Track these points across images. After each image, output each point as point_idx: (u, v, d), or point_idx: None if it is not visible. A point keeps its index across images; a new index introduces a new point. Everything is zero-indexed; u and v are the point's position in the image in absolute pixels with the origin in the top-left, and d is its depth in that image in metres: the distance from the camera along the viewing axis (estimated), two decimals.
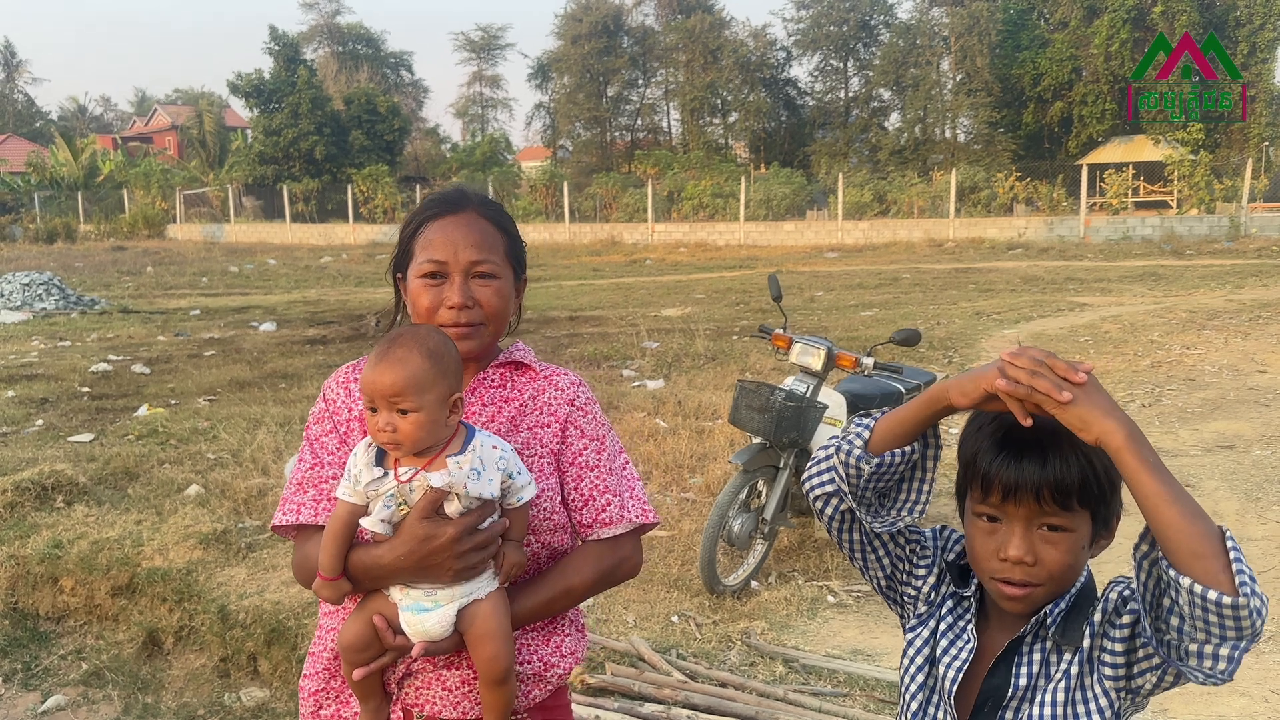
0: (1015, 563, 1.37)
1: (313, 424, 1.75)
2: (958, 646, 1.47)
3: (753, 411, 4.70)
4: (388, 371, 1.50)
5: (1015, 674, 1.42)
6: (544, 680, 1.70)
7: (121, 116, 77.79)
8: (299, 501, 1.68)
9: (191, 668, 4.32)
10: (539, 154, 53.76)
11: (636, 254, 29.29)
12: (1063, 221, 27.85)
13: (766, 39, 46.16)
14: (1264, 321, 12.18)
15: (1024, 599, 1.40)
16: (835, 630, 4.38)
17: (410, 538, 1.50)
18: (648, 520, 1.75)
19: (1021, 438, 1.36)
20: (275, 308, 17.41)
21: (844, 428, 1.47)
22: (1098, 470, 1.35)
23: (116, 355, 11.58)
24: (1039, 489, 1.35)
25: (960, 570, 1.53)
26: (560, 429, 1.72)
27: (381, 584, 1.55)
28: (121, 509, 5.54)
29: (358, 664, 1.56)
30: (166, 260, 28.95)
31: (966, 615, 1.49)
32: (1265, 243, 23.52)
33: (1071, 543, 1.38)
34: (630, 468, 1.80)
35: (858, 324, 12.69)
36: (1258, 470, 6.41)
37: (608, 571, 1.70)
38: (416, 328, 1.60)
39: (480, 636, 1.54)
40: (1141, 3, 35.76)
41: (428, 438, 1.51)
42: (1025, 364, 1.26)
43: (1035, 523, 1.37)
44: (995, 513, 1.40)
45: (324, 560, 1.54)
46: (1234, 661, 1.22)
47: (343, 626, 1.59)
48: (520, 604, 1.61)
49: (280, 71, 45.62)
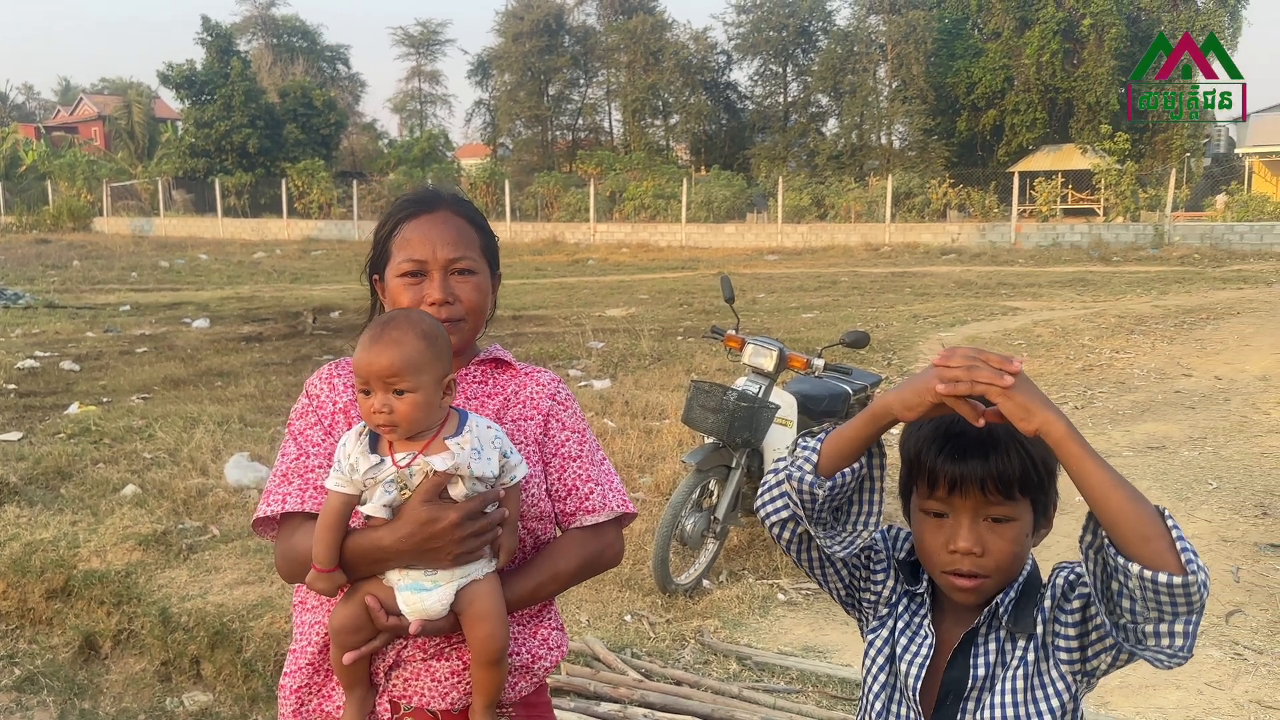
0: (964, 554, 1.42)
1: (295, 419, 1.74)
2: (917, 643, 1.51)
3: (706, 411, 4.73)
4: (384, 352, 1.50)
5: (973, 664, 1.46)
6: (531, 673, 1.71)
7: (45, 105, 75.26)
8: (284, 492, 1.66)
9: (131, 672, 4.20)
10: (479, 151, 53.34)
11: (579, 254, 29.24)
12: (994, 227, 28.47)
13: (707, 42, 46.46)
14: (1188, 327, 12.59)
15: (974, 589, 1.44)
16: (787, 628, 4.43)
17: (412, 520, 1.49)
18: (628, 510, 1.78)
19: (962, 432, 1.40)
20: (208, 304, 17.02)
21: (790, 450, 1.49)
22: (1036, 460, 1.41)
23: (43, 351, 11.22)
24: (983, 480, 1.40)
25: (911, 567, 1.56)
26: (543, 421, 1.75)
27: (380, 568, 1.54)
28: (55, 509, 5.38)
29: (349, 646, 1.54)
30: (94, 254, 28.12)
31: (921, 611, 1.53)
32: (1187, 251, 24.32)
33: (1016, 532, 1.43)
34: (608, 461, 1.84)
35: (799, 326, 12.83)
36: (1186, 470, 6.63)
37: (592, 558, 1.73)
38: (408, 311, 1.60)
39: (477, 616, 1.54)
40: (1071, 15, 36.78)
41: (424, 419, 1.51)
42: (960, 362, 1.29)
43: (981, 514, 1.42)
44: (942, 507, 1.44)
45: (318, 552, 1.52)
46: (1190, 636, 1.27)
47: (335, 609, 1.57)
48: (510, 589, 1.61)
49: (213, 63, 44.58)
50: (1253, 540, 5.35)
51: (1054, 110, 38.92)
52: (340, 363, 1.79)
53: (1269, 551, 5.20)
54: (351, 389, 1.72)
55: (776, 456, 4.92)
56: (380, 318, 1.60)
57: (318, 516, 1.59)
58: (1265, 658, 4.08)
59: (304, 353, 11.47)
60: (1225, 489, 6.22)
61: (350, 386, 1.73)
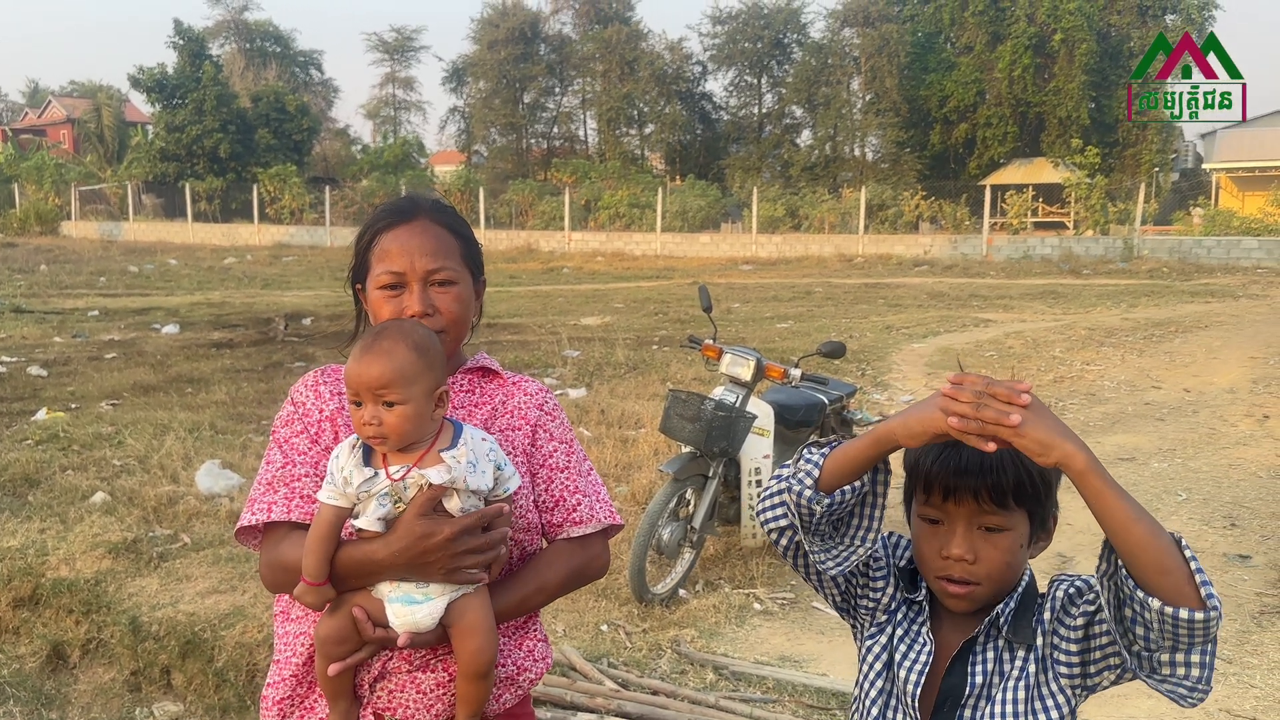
0: (957, 560, 1.43)
1: (280, 427, 1.71)
2: (915, 650, 1.51)
3: (684, 421, 4.73)
4: (374, 364, 1.48)
5: (971, 672, 1.47)
6: (516, 684, 1.70)
7: (12, 108, 74.25)
8: (269, 501, 1.63)
9: (100, 682, 4.14)
10: (453, 158, 53.17)
11: (554, 262, 29.22)
12: (966, 240, 28.75)
13: (683, 53, 46.53)
14: (1157, 339, 12.77)
15: (966, 597, 1.46)
16: (763, 637, 4.43)
17: (407, 534, 1.48)
18: (615, 521, 1.78)
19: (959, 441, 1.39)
20: (178, 309, 16.84)
21: (794, 460, 1.49)
22: (1032, 472, 1.41)
23: (10, 356, 11.06)
24: (977, 489, 1.41)
25: (910, 575, 1.57)
26: (530, 432, 1.74)
27: (371, 580, 1.52)
28: (22, 517, 5.29)
29: (335, 658, 1.53)
30: (61, 258, 27.76)
31: (920, 619, 1.53)
32: (1156, 264, 24.67)
33: (1010, 542, 1.44)
34: (594, 472, 1.83)
35: (774, 335, 12.88)
36: (1156, 481, 6.71)
37: (579, 569, 1.73)
38: (401, 321, 1.59)
39: (467, 630, 1.53)
40: (1042, 30, 37.22)
41: (414, 431, 1.49)
42: (967, 397, 1.27)
43: (975, 522, 1.43)
44: (937, 514, 1.46)
45: (309, 564, 1.50)
46: (1207, 668, 1.27)
47: (321, 619, 1.55)
48: (497, 601, 1.60)
49: (184, 67, 44.18)
50: (1221, 551, 5.42)
51: (1025, 124, 39.35)
52: (326, 369, 1.78)
53: (1237, 562, 5.27)
54: (337, 396, 1.71)
55: (755, 466, 4.91)
56: (373, 328, 1.58)
57: (304, 526, 1.57)
58: (1234, 667, 4.13)
59: (275, 359, 11.37)
60: (1194, 500, 6.30)
61: (336, 394, 1.71)
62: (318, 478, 1.63)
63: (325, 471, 1.60)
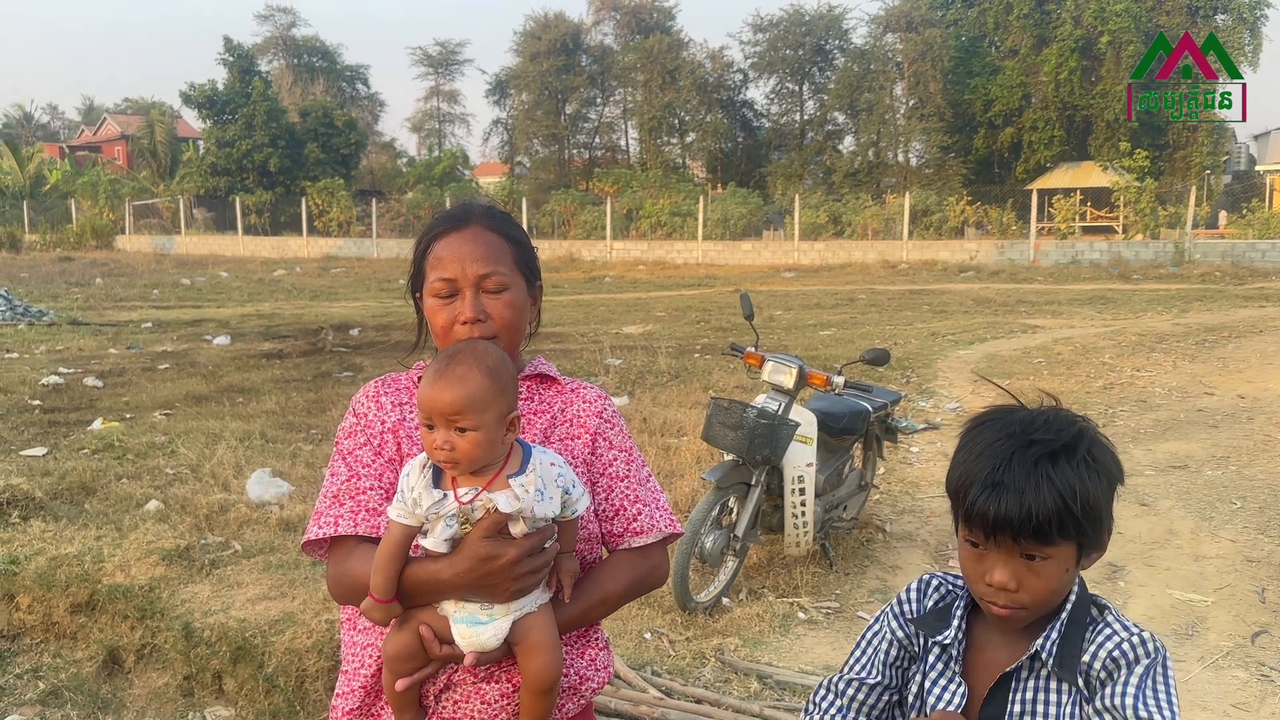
0: (999, 588, 1.41)
1: (343, 439, 1.73)
2: (950, 691, 1.50)
3: (726, 429, 4.73)
4: (447, 389, 1.49)
5: (1011, 701, 1.45)
6: (578, 694, 1.70)
7: (69, 125, 76.29)
8: (335, 514, 1.65)
9: (154, 686, 4.22)
10: (496, 170, 53.65)
11: (595, 271, 29.33)
12: (1013, 245, 28.38)
13: (724, 61, 46.59)
14: (1210, 345, 12.50)
15: (1013, 619, 1.44)
16: (807, 646, 4.41)
17: (471, 556, 1.49)
18: (675, 530, 1.77)
19: (1002, 482, 1.38)
20: (229, 321, 17.14)
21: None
22: (1074, 509, 1.37)
23: (67, 368, 11.33)
24: (1018, 529, 1.38)
25: (940, 614, 1.54)
26: (590, 440, 1.74)
27: (436, 599, 1.54)
28: (79, 524, 5.41)
29: (402, 674, 1.55)
30: (116, 272, 28.41)
31: (953, 664, 1.51)
32: (1208, 268, 24.17)
33: (1054, 569, 1.41)
34: (654, 479, 1.82)
35: (817, 343, 12.82)
36: (1209, 490, 6.57)
37: (640, 579, 1.73)
38: (474, 343, 1.59)
39: (532, 648, 1.55)
40: (1089, 33, 36.72)
41: (485, 456, 1.50)
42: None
43: (1018, 552, 1.40)
44: (981, 542, 1.43)
45: (377, 582, 1.51)
46: None
47: (388, 636, 1.58)
48: (561, 614, 1.61)
49: (234, 83, 45.10)
50: (1278, 560, 5.30)
51: (1072, 127, 38.82)
52: (386, 379, 1.79)
53: None
54: (399, 408, 1.72)
55: (798, 474, 4.88)
56: (446, 350, 1.58)
57: (370, 539, 1.59)
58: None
59: (324, 369, 11.53)
60: (1250, 509, 6.17)
61: (398, 405, 1.73)
62: (383, 490, 1.65)
63: (390, 484, 1.62)
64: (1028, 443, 1.40)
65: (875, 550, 5.63)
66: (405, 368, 1.84)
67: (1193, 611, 4.71)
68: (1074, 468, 1.37)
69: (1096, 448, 1.42)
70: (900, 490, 6.75)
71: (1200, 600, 4.82)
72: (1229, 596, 4.84)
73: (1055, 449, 1.39)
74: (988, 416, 1.48)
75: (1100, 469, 1.40)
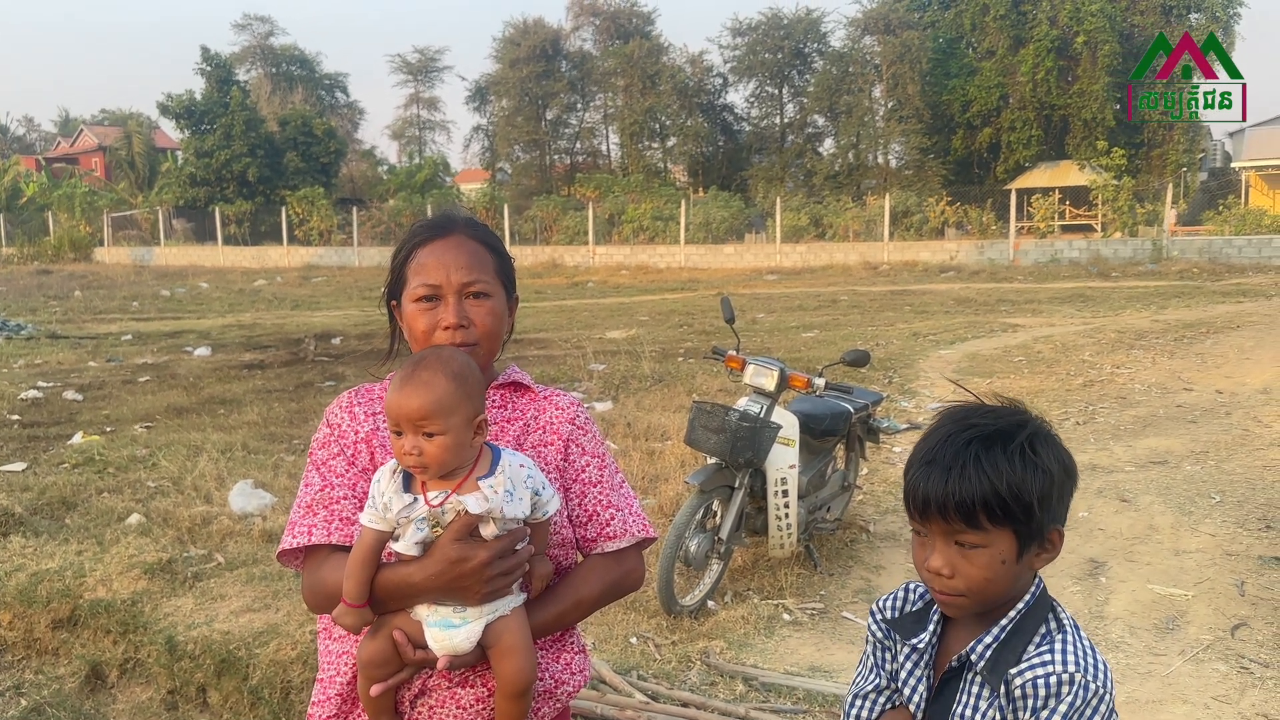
0: (934, 574, 1.43)
1: (317, 449, 1.74)
2: (911, 689, 1.52)
3: (709, 432, 4.74)
4: (414, 395, 1.50)
5: (956, 701, 1.47)
6: (554, 698, 1.71)
7: (45, 137, 75.67)
8: (309, 524, 1.66)
9: (137, 701, 4.20)
10: (477, 176, 53.55)
11: (578, 276, 29.35)
12: (993, 245, 28.56)
13: (703, 65, 46.71)
14: (1188, 341, 12.62)
15: (952, 605, 1.46)
16: (792, 648, 4.43)
17: (442, 559, 1.50)
18: (649, 534, 1.79)
19: (935, 459, 1.41)
20: (210, 332, 17.06)
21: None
22: (1002, 493, 1.36)
23: (46, 381, 11.25)
24: (942, 506, 1.39)
25: (916, 617, 1.56)
26: (563, 447, 1.76)
27: (408, 603, 1.55)
28: (60, 539, 5.38)
29: (376, 679, 1.56)
30: (95, 284, 28.22)
31: (922, 663, 1.52)
32: (1186, 265, 24.40)
33: (988, 558, 1.40)
34: (627, 484, 1.84)
35: (800, 345, 12.86)
36: (1189, 485, 6.63)
37: (614, 583, 1.74)
38: (439, 349, 1.61)
39: (505, 651, 1.56)
40: (1064, 33, 37.02)
41: (453, 460, 1.51)
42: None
43: (951, 537, 1.41)
44: (920, 526, 1.46)
45: (349, 587, 1.52)
46: None
47: (362, 642, 1.58)
48: (535, 617, 1.62)
49: (212, 93, 44.91)
50: (1257, 554, 5.35)
51: (1050, 127, 39.11)
52: (359, 390, 1.80)
53: (1274, 565, 5.20)
54: (372, 417, 1.74)
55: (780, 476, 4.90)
56: (412, 357, 1.60)
57: (344, 548, 1.60)
58: (1272, 671, 4.08)
59: (306, 379, 11.49)
60: (1228, 503, 6.23)
61: (371, 415, 1.74)
62: (356, 500, 1.66)
63: (363, 493, 1.63)
64: (966, 426, 1.42)
65: (859, 551, 5.65)
66: (378, 378, 1.85)
67: (1173, 605, 4.75)
68: (1006, 454, 1.38)
69: (1039, 441, 1.41)
70: (883, 490, 6.78)
71: (1181, 594, 4.86)
72: (1209, 590, 4.89)
73: (989, 433, 1.40)
74: (946, 410, 1.50)
75: (1038, 462, 1.39)
